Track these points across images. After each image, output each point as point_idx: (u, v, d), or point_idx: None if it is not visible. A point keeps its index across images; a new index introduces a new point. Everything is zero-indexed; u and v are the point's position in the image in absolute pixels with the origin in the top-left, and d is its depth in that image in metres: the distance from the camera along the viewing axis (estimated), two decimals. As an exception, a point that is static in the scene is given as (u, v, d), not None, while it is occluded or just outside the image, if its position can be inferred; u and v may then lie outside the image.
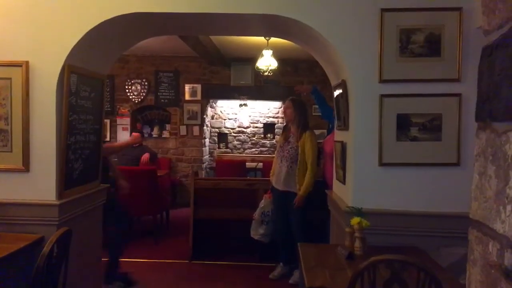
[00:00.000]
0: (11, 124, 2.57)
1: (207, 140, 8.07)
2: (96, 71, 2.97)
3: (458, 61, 2.46)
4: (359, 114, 2.58)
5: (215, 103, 8.44)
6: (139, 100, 7.50)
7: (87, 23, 2.57)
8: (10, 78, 2.56)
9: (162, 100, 7.51)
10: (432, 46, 2.48)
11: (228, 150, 8.62)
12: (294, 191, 3.74)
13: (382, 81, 2.52)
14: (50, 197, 2.57)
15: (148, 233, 5.24)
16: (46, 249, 2.02)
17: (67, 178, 2.67)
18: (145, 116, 7.76)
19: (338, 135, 3.03)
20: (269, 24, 2.91)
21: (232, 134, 8.68)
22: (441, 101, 2.50)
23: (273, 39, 5.19)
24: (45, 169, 2.58)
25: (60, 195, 2.60)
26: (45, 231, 2.50)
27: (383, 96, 2.52)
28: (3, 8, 2.57)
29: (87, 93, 2.88)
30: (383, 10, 2.48)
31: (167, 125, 7.67)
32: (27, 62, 2.55)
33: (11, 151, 2.58)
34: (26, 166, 2.57)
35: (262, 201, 4.02)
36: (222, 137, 8.63)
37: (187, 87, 7.49)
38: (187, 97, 7.50)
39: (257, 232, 3.96)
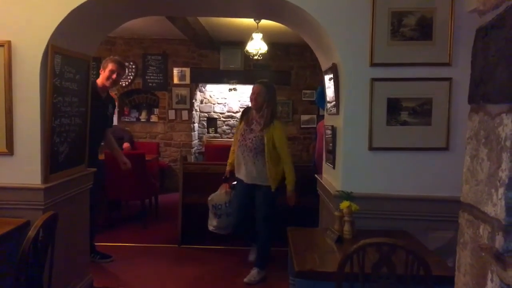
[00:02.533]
0: (-7, 106, 2.49)
1: (196, 125, 8.01)
2: (81, 52, 2.90)
3: (450, 45, 2.45)
4: (350, 98, 2.56)
5: (204, 87, 8.35)
6: (127, 83, 7.38)
7: (71, 1, 2.49)
8: (-9, 59, 2.48)
9: (150, 84, 7.39)
10: (424, 30, 2.46)
11: (217, 135, 8.58)
12: (265, 184, 3.41)
13: (373, 64, 2.50)
14: (35, 181, 2.52)
15: (136, 218, 5.22)
16: (31, 233, 1.98)
17: (53, 162, 2.62)
18: (132, 100, 7.65)
19: (329, 120, 3.01)
20: (260, 6, 2.86)
21: (222, 119, 8.62)
22: (431, 86, 2.49)
23: (263, 22, 5.12)
24: (29, 152, 2.52)
25: (45, 179, 2.55)
26: (31, 215, 2.46)
27: (374, 80, 2.50)
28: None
29: (72, 74, 2.80)
30: (375, -8, 2.44)
31: (155, 109, 7.57)
32: (9, 42, 2.46)
33: (-6, 134, 2.51)
34: (9, 149, 2.51)
35: (215, 193, 3.73)
36: (211, 121, 8.57)
37: (175, 71, 7.38)
38: (175, 81, 7.39)
39: (211, 223, 3.75)
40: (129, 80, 7.37)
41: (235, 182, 3.63)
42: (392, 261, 1.63)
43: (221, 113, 8.61)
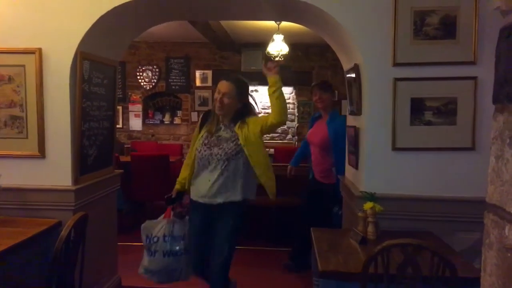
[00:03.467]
0: (26, 111, 2.60)
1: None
2: (108, 57, 2.99)
3: (474, 43, 2.41)
4: (372, 98, 2.55)
5: (226, 89, 8.41)
6: (151, 86, 7.53)
7: (98, 9, 2.57)
8: (23, 65, 2.59)
9: (173, 87, 7.52)
10: (447, 28, 2.43)
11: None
12: (237, 199, 2.56)
13: (395, 64, 2.48)
14: (66, 183, 2.62)
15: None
16: (64, 233, 2.06)
17: (82, 164, 2.71)
18: (156, 103, 7.79)
19: (351, 120, 3.00)
20: (280, 8, 2.88)
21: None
22: (456, 85, 2.46)
23: (284, 24, 5.13)
24: (60, 155, 2.62)
25: (75, 180, 2.64)
26: (62, 216, 2.55)
27: (396, 79, 2.49)
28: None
29: (99, 79, 2.89)
30: (397, -8, 2.43)
31: (178, 111, 7.69)
32: (40, 49, 2.57)
33: (27, 138, 2.62)
34: (41, 152, 2.61)
35: (152, 220, 2.75)
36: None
37: (197, 73, 7.48)
38: (197, 83, 7.49)
39: (142, 262, 2.75)
40: (153, 83, 7.52)
41: (181, 210, 2.76)
42: (417, 262, 1.63)
43: (242, 115, 8.65)
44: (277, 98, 2.52)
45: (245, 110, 2.67)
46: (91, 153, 2.84)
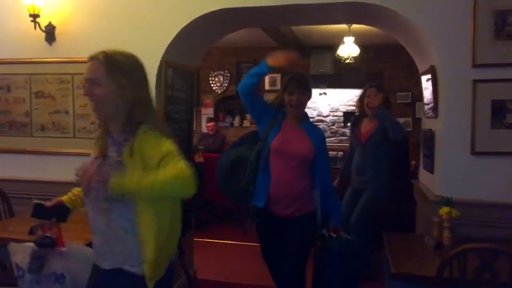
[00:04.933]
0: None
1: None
2: (188, 64, 3.21)
3: None
4: (450, 100, 2.49)
5: (294, 92, 8.50)
6: (222, 90, 7.83)
7: (181, 21, 2.78)
8: (116, 74, 2.86)
9: (243, 90, 7.75)
10: (532, 27, 2.30)
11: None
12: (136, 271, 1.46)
13: (475, 65, 2.41)
14: (151, 180, 2.86)
15: (231, 217, 5.53)
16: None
17: (165, 163, 2.94)
18: (226, 106, 8.09)
19: (426, 123, 2.94)
20: (353, 12, 2.90)
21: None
22: (543, 86, 2.32)
23: (355, 26, 5.10)
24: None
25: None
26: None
27: (476, 81, 2.41)
28: (109, 10, 2.88)
29: (180, 85, 3.12)
30: (477, -9, 2.36)
31: (247, 114, 7.91)
32: (130, 59, 2.83)
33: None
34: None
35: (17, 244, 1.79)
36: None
37: (267, 77, 7.64)
38: (266, 86, 7.66)
39: None
40: (224, 88, 7.82)
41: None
42: (495, 267, 1.58)
43: (310, 117, 8.62)
44: None
45: (140, 112, 1.65)
46: (172, 153, 3.07)
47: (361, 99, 3.42)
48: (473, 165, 2.45)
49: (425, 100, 2.91)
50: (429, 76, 2.66)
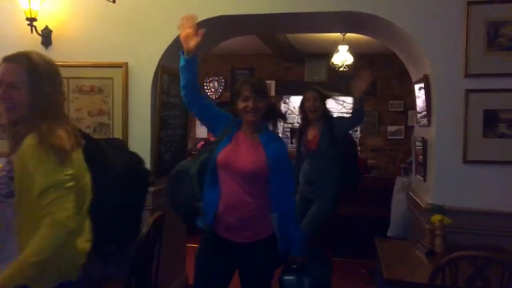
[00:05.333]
0: (113, 119, 2.89)
1: (279, 136, 8.21)
2: (184, 70, 3.22)
3: (554, 53, 2.31)
4: (442, 109, 2.52)
5: (288, 99, 8.54)
6: (216, 96, 7.85)
7: (177, 27, 2.79)
8: (112, 78, 2.88)
9: (237, 97, 7.78)
10: (524, 39, 2.35)
11: (300, 145, 8.69)
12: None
13: (467, 75, 2.45)
14: (145, 185, 2.85)
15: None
16: (145, 230, 2.27)
17: (159, 168, 2.95)
18: (221, 112, 8.09)
19: (419, 131, 2.98)
20: (348, 21, 2.94)
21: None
22: (533, 96, 2.37)
23: (350, 34, 5.15)
24: (141, 160, 2.86)
25: (153, 183, 2.87)
26: (141, 215, 2.78)
27: (468, 91, 2.45)
28: (106, 14, 2.89)
29: (176, 91, 3.13)
30: (470, 3, 2.41)
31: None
32: (126, 64, 2.85)
33: (113, 143, 2.90)
34: (125, 156, 2.88)
35: None
36: (294, 133, 8.71)
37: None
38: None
39: None
40: (219, 93, 7.84)
41: None
42: (487, 275, 1.60)
43: (303, 124, 8.72)
44: None
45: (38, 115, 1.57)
46: (167, 158, 3.08)
47: (301, 105, 3.26)
48: (465, 173, 2.48)
49: (418, 109, 2.95)
50: (422, 85, 2.70)
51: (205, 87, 7.86)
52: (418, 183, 2.96)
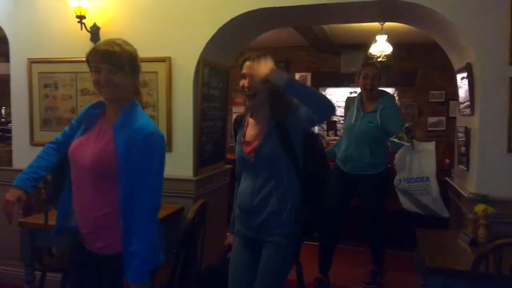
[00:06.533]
0: (158, 111, 3.02)
1: (315, 128, 8.20)
2: (223, 63, 3.31)
3: None
4: (486, 98, 2.47)
5: (324, 91, 8.49)
6: (252, 89, 7.92)
7: (219, 20, 2.88)
8: (156, 72, 3.00)
9: (273, 89, 7.82)
10: None
11: (337, 138, 8.63)
12: None
13: (512, 63, 2.39)
14: (188, 174, 2.98)
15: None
16: (190, 215, 2.38)
17: (201, 158, 3.06)
18: (257, 105, 8.16)
19: (461, 121, 2.92)
20: (386, 9, 2.92)
21: (341, 121, 8.65)
22: None
23: (388, 23, 5.07)
24: (184, 150, 2.98)
25: (196, 172, 3.00)
26: (184, 202, 2.92)
27: (513, 78, 2.39)
28: (150, 11, 3.02)
29: (216, 83, 3.23)
30: (516, -13, 2.34)
31: (278, 113, 7.97)
32: (169, 58, 2.96)
33: (157, 134, 3.03)
34: (169, 146, 3.00)
35: None
36: (330, 124, 8.66)
37: (297, 76, 7.67)
38: (299, 81, 7.70)
39: None
40: (255, 86, 7.90)
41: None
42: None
43: (341, 116, 8.62)
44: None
45: None
46: (208, 149, 3.19)
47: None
48: (509, 163, 2.43)
49: (460, 99, 2.89)
50: (464, 74, 2.65)
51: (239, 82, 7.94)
52: (460, 173, 2.92)
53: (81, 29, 3.02)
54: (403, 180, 2.88)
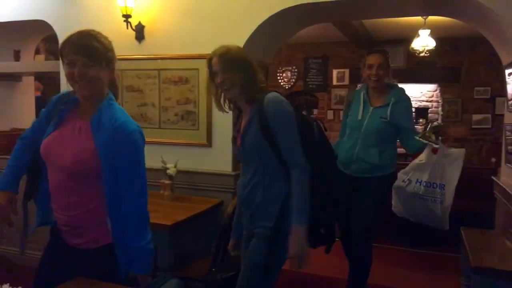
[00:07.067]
0: (198, 107, 3.10)
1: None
2: (262, 60, 3.34)
3: None
4: (537, 93, 2.36)
5: (362, 88, 8.37)
6: (289, 86, 7.92)
7: (258, 17, 2.91)
8: (197, 69, 3.07)
9: (310, 86, 7.78)
10: None
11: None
12: None
13: None
14: (227, 169, 3.04)
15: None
16: (230, 209, 2.43)
17: (240, 154, 3.10)
18: (293, 102, 8.13)
19: (509, 118, 2.81)
20: (430, 1, 2.84)
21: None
22: None
23: (432, 17, 4.92)
24: (223, 145, 3.04)
25: (234, 167, 3.05)
26: (223, 196, 2.98)
27: None
28: (192, 10, 3.09)
29: (254, 79, 3.25)
30: None
31: (315, 110, 7.92)
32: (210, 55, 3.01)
33: (198, 129, 3.12)
34: (209, 142, 3.08)
35: None
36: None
37: (335, 72, 7.60)
38: (334, 82, 7.62)
39: None
40: (292, 83, 7.90)
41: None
42: None
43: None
44: None
45: None
46: (246, 144, 3.22)
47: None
48: None
49: (509, 95, 2.77)
50: (514, 68, 2.55)
51: (278, 77, 7.96)
52: (508, 172, 2.80)
53: (127, 27, 3.14)
54: (417, 182, 2.60)
